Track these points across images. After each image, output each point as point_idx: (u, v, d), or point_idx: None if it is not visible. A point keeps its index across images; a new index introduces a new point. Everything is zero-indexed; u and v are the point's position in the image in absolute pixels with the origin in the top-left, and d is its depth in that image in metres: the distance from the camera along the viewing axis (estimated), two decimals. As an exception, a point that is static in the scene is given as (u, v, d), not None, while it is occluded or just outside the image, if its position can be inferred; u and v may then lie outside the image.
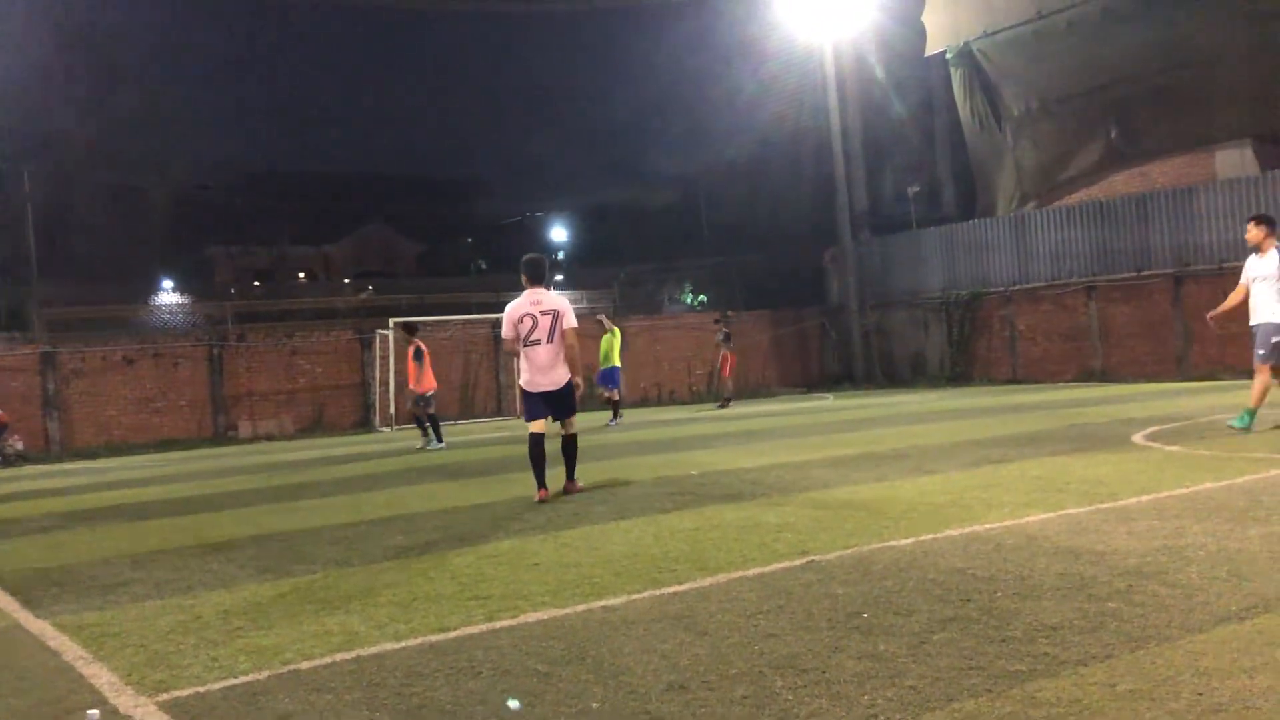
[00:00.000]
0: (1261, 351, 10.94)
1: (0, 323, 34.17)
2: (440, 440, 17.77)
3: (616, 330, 21.75)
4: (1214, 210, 23.89)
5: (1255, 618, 4.20)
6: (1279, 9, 23.92)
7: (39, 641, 5.33)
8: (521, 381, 9.59)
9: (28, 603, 6.31)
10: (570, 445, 9.79)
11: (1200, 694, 3.38)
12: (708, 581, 5.55)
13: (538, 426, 9.52)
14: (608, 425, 20.03)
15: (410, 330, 18.72)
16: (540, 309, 9.31)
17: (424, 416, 18.03)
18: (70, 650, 5.06)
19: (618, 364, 21.48)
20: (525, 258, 9.68)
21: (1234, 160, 25.25)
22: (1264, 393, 11.01)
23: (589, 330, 25.19)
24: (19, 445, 22.89)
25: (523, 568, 6.31)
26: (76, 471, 18.54)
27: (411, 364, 17.74)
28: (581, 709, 3.66)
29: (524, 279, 9.50)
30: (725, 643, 4.36)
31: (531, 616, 5.06)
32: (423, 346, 17.83)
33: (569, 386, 9.47)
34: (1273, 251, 10.90)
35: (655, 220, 52.78)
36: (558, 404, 9.52)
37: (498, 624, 4.96)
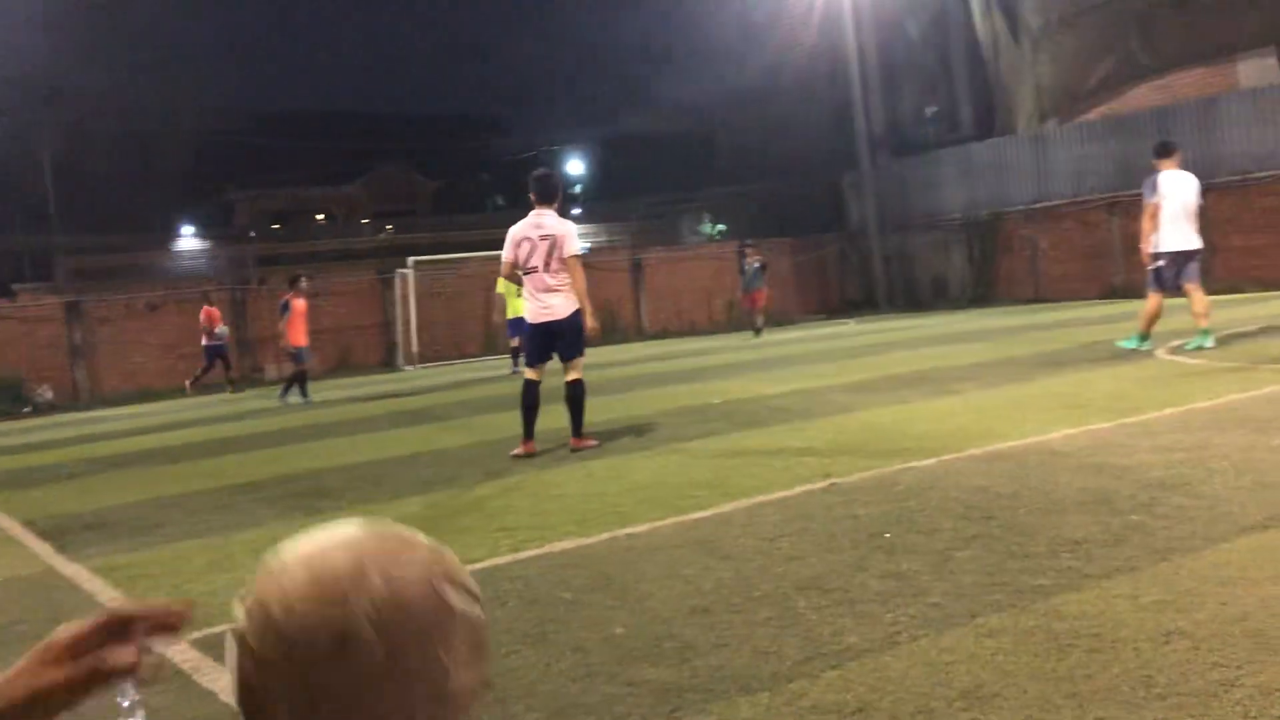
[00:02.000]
0: None
1: (24, 274, 34.37)
2: (303, 397, 16.95)
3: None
4: (1237, 120, 23.44)
5: (1278, 526, 4.20)
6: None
7: (73, 584, 5.42)
8: (526, 314, 8.61)
9: (61, 547, 6.41)
10: (574, 393, 8.49)
11: (1224, 603, 3.39)
12: (730, 507, 5.58)
13: (531, 373, 8.57)
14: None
15: (291, 282, 17.55)
16: (540, 233, 8.33)
17: (296, 373, 17.20)
18: (104, 592, 5.15)
19: None
20: (534, 173, 8.81)
21: (1257, 69, 24.73)
22: None
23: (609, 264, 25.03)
24: (49, 395, 23.13)
25: (547, 499, 6.36)
26: (105, 419, 18.75)
27: (288, 318, 16.93)
28: (607, 635, 3.70)
29: (532, 196, 8.56)
30: (748, 566, 4.39)
31: (557, 546, 5.10)
32: (293, 300, 16.87)
33: (573, 322, 8.33)
34: None
35: (672, 151, 52.30)
36: (559, 341, 8.38)
37: (523, 554, 5.01)
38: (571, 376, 8.46)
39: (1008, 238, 28.71)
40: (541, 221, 8.38)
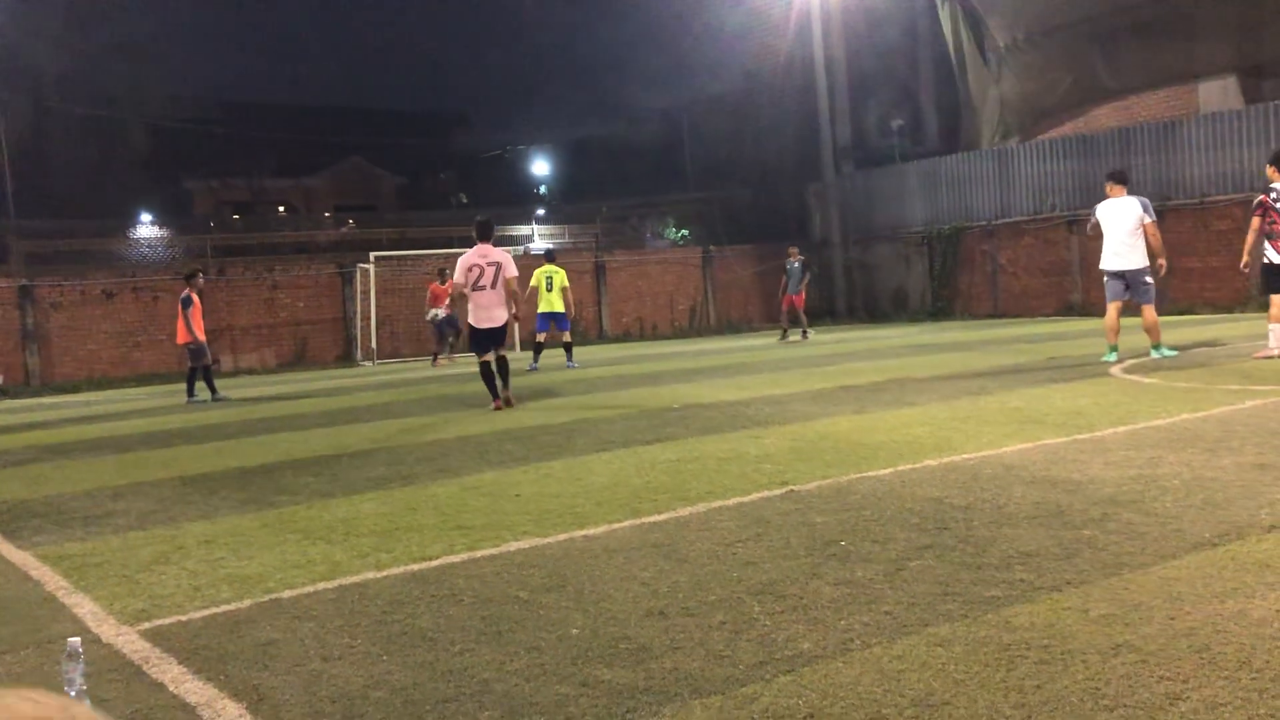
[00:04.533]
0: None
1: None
2: (193, 396, 16.51)
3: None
4: (1196, 144, 23.82)
5: (1227, 544, 4.26)
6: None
7: (21, 572, 5.34)
8: (470, 320, 11.53)
9: (9, 534, 6.32)
10: (504, 363, 11.65)
11: (1172, 618, 3.44)
12: (688, 511, 5.59)
13: (486, 357, 11.58)
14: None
15: (189, 277, 16.95)
16: (487, 260, 11.28)
17: (198, 369, 16.65)
18: (52, 580, 5.08)
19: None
20: (477, 219, 11.82)
21: (1217, 93, 25.15)
22: None
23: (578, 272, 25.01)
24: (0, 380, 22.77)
25: (505, 498, 6.34)
26: (57, 405, 18.48)
27: (181, 313, 16.34)
28: (562, 635, 3.70)
29: (475, 235, 11.50)
30: (704, 570, 4.40)
31: (513, 545, 5.09)
32: (193, 295, 16.35)
33: (506, 326, 11.57)
34: None
35: (639, 155, 52.34)
36: (499, 337, 11.57)
37: (479, 553, 4.99)
38: (501, 353, 11.61)
39: (969, 252, 28.98)
40: (487, 252, 11.36)
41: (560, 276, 18.60)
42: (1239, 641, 3.19)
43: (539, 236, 44.28)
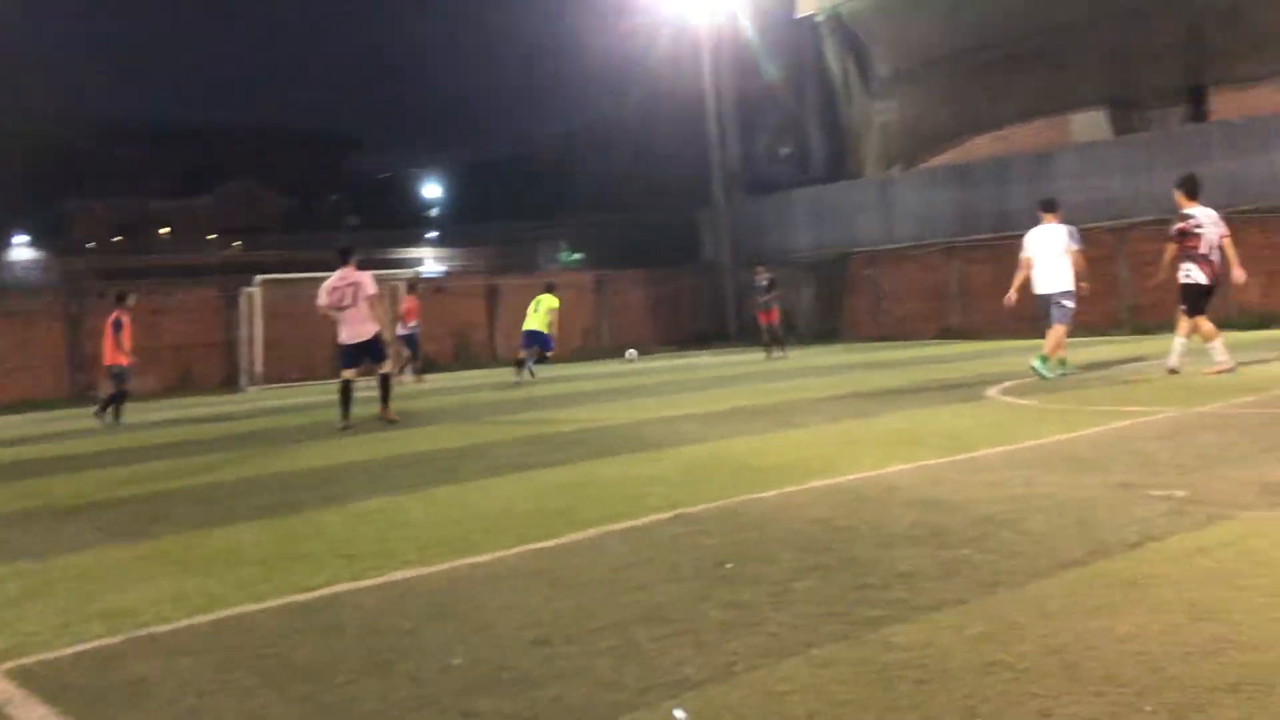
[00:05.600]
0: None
1: None
2: (116, 419, 16.11)
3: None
4: (1069, 173, 24.74)
5: (1096, 562, 4.41)
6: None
7: (-125, 611, 5.07)
8: (340, 338, 12.47)
9: None
10: (384, 381, 12.77)
11: (1044, 635, 3.54)
12: (577, 536, 5.58)
13: (348, 374, 12.49)
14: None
15: (119, 298, 16.61)
16: (347, 282, 12.28)
17: (123, 393, 16.33)
18: (-91, 619, 4.83)
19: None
20: (339, 245, 13.36)
21: (1089, 124, 26.19)
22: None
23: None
24: None
25: (391, 525, 6.25)
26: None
27: (110, 335, 16.00)
28: (445, 665, 3.65)
29: (340, 257, 12.67)
30: (591, 596, 4.39)
31: (398, 574, 5.02)
32: (123, 318, 16.02)
33: (375, 340, 12.39)
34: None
35: (534, 179, 52.32)
36: (369, 352, 12.50)
37: (364, 582, 4.91)
38: (383, 370, 12.84)
39: (854, 278, 29.60)
40: (347, 274, 12.38)
41: (547, 302, 20.86)
42: (1105, 657, 3.30)
43: (429, 259, 43.89)
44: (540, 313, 20.66)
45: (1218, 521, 4.94)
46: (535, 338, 20.97)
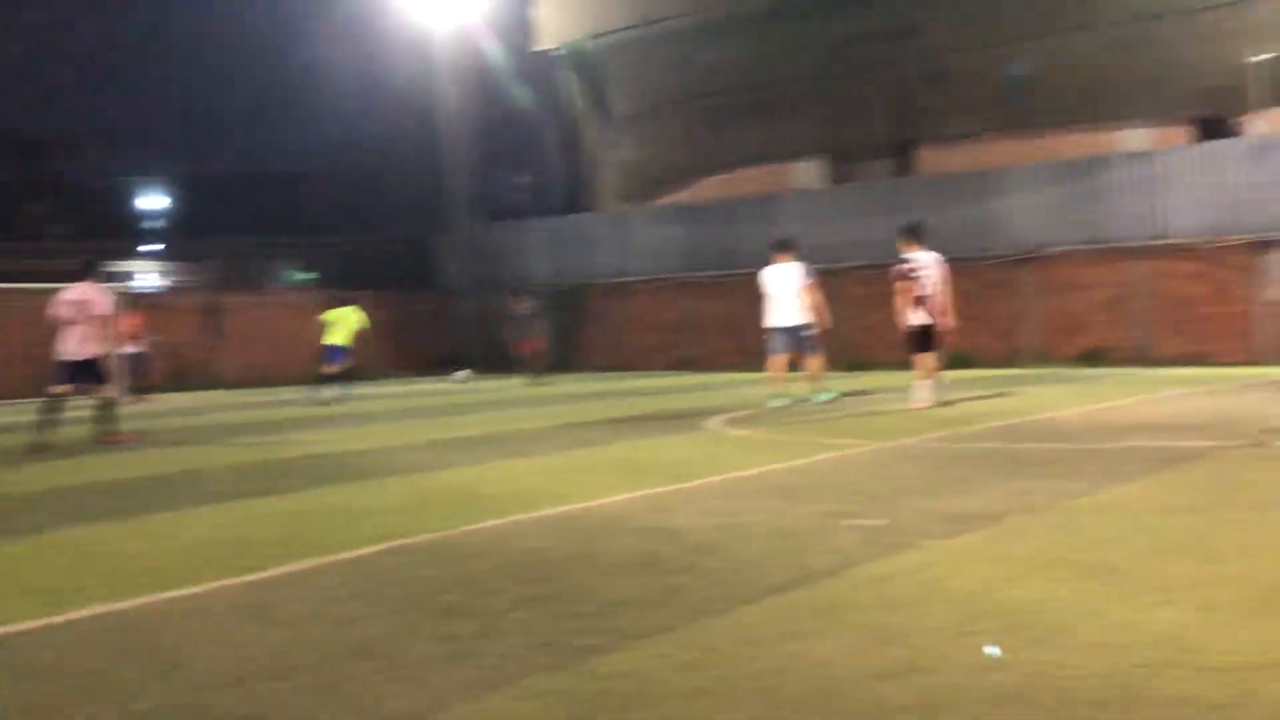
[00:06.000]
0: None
1: None
2: None
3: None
4: (791, 217, 26.11)
5: (799, 589, 4.63)
6: (848, 39, 26.56)
7: None
8: (59, 354, 12.08)
9: None
10: (107, 404, 12.41)
11: (745, 661, 3.68)
12: (291, 568, 5.38)
13: (59, 389, 12.07)
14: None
15: None
16: (74, 297, 12.03)
17: None
18: None
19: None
20: (87, 259, 12.80)
21: (808, 172, 27.77)
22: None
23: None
24: None
25: (84, 557, 5.83)
26: None
27: None
28: (128, 709, 3.42)
29: (84, 270, 12.45)
30: (301, 631, 4.24)
31: (88, 610, 4.67)
32: None
33: (97, 359, 12.05)
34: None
35: (266, 195, 50.32)
36: (88, 372, 12.06)
37: (55, 619, 4.55)
38: (105, 393, 12.39)
39: (590, 308, 30.07)
40: (85, 288, 12.16)
41: (352, 319, 20.88)
42: (800, 682, 3.46)
43: (150, 273, 41.45)
44: (346, 327, 20.71)
45: (907, 549, 5.30)
46: (338, 352, 20.82)
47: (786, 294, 14.18)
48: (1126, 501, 6.41)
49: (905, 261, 13.06)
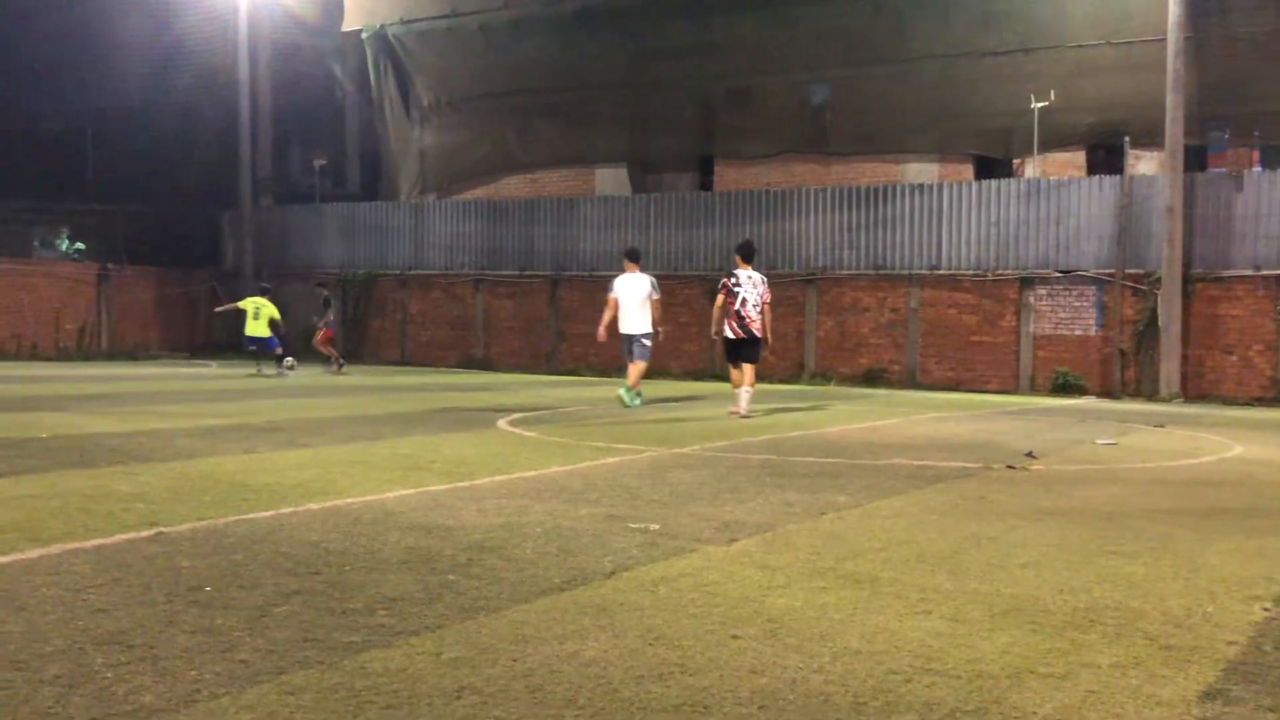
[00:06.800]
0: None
1: None
2: None
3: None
4: (591, 221, 26.34)
5: (574, 589, 4.67)
6: (654, 50, 26.99)
7: None
8: None
9: None
10: None
11: (515, 660, 3.68)
12: (37, 554, 5.06)
13: None
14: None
15: None
16: None
17: None
18: None
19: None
20: None
21: (611, 179, 28.03)
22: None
23: None
24: None
25: None
26: None
27: None
28: None
29: None
30: (46, 619, 3.99)
31: None
32: None
33: None
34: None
35: (31, 154, 46.97)
36: None
37: None
38: None
39: (382, 299, 29.46)
40: None
41: (268, 309, 22.57)
42: (570, 681, 3.49)
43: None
44: (262, 320, 22.43)
45: (683, 554, 5.42)
46: (262, 342, 22.61)
47: (633, 303, 14.64)
48: (888, 515, 6.74)
49: (733, 276, 13.46)
